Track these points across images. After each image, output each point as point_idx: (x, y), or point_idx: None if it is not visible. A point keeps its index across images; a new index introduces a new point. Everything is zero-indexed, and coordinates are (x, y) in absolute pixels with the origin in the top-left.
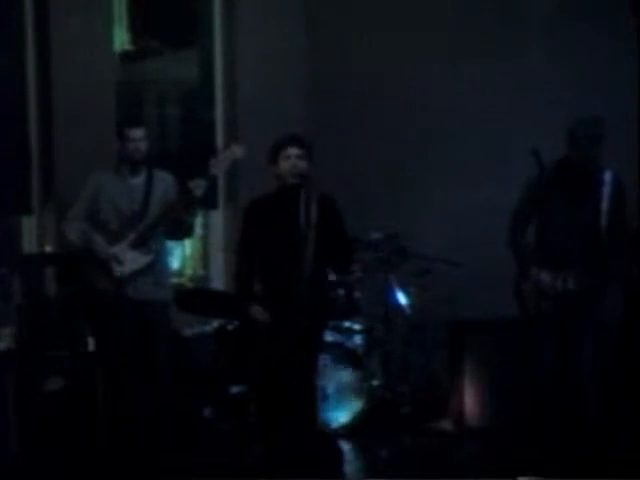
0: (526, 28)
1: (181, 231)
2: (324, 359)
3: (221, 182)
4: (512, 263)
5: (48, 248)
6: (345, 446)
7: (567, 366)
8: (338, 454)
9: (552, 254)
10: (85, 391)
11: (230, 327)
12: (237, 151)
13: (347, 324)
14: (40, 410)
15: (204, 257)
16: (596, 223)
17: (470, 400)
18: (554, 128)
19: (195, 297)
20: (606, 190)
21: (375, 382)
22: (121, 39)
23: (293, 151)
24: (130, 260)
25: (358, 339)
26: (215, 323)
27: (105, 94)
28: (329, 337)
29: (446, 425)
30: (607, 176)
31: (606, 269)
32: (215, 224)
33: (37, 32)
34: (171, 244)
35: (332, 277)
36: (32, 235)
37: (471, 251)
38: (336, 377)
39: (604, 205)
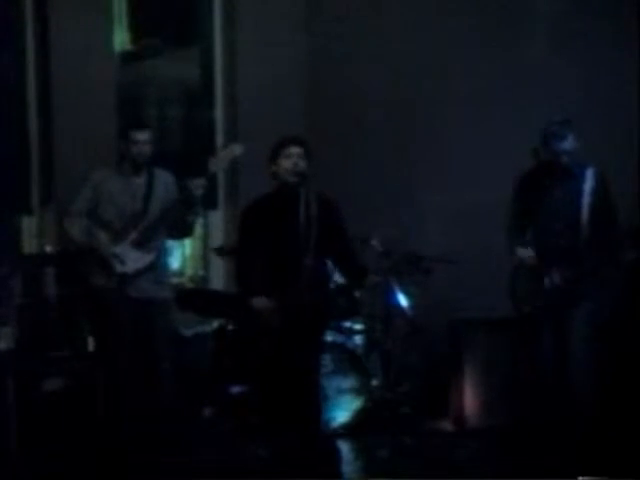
0: (526, 26)
1: (182, 230)
2: (324, 359)
3: (221, 182)
4: (511, 263)
5: (48, 248)
6: (345, 446)
7: (561, 361)
8: (338, 454)
9: (540, 250)
10: (85, 391)
11: (230, 327)
12: (236, 149)
13: (347, 324)
14: (40, 410)
15: (204, 257)
16: (578, 218)
17: (470, 400)
18: None
19: (195, 297)
20: (587, 186)
21: (375, 382)
22: (121, 39)
23: (294, 150)
24: (132, 259)
25: (358, 339)
26: (215, 323)
27: (105, 94)
28: (329, 337)
29: (446, 425)
30: (588, 172)
31: (591, 264)
32: (215, 224)
33: (37, 32)
34: (171, 244)
35: (336, 278)
36: (32, 235)
37: (470, 251)
38: (336, 377)
39: (585, 200)
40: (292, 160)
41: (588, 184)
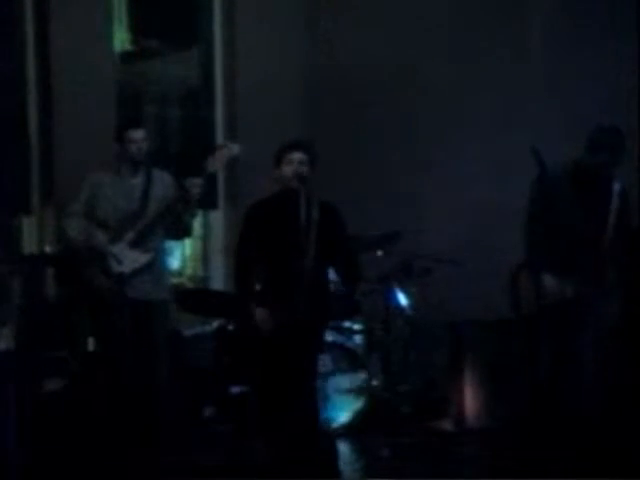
0: (526, 26)
1: (180, 230)
2: (324, 359)
3: (221, 182)
4: (511, 263)
5: (48, 248)
6: (345, 446)
7: (566, 368)
8: (338, 454)
9: (556, 256)
10: (85, 391)
11: (230, 327)
12: (234, 149)
13: (347, 324)
14: (40, 410)
15: (204, 257)
16: (602, 231)
17: (470, 400)
18: (554, 127)
19: (195, 297)
20: (614, 203)
21: (375, 382)
22: (121, 39)
23: (296, 156)
24: (129, 259)
25: (358, 339)
26: (215, 323)
27: (105, 94)
28: (329, 337)
29: (446, 425)
30: (616, 188)
31: (606, 277)
32: (215, 224)
33: (37, 32)
34: (171, 244)
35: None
36: (32, 235)
37: (471, 251)
38: (336, 377)
39: (611, 218)
40: (293, 166)
41: (615, 201)
